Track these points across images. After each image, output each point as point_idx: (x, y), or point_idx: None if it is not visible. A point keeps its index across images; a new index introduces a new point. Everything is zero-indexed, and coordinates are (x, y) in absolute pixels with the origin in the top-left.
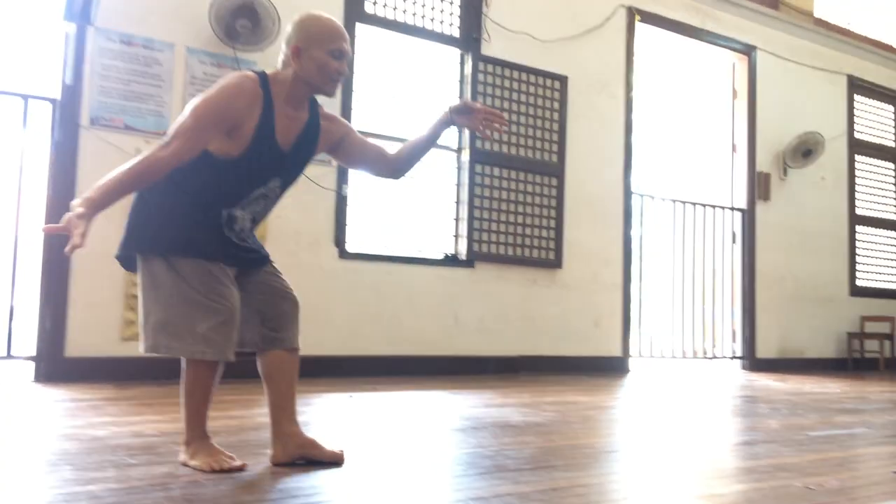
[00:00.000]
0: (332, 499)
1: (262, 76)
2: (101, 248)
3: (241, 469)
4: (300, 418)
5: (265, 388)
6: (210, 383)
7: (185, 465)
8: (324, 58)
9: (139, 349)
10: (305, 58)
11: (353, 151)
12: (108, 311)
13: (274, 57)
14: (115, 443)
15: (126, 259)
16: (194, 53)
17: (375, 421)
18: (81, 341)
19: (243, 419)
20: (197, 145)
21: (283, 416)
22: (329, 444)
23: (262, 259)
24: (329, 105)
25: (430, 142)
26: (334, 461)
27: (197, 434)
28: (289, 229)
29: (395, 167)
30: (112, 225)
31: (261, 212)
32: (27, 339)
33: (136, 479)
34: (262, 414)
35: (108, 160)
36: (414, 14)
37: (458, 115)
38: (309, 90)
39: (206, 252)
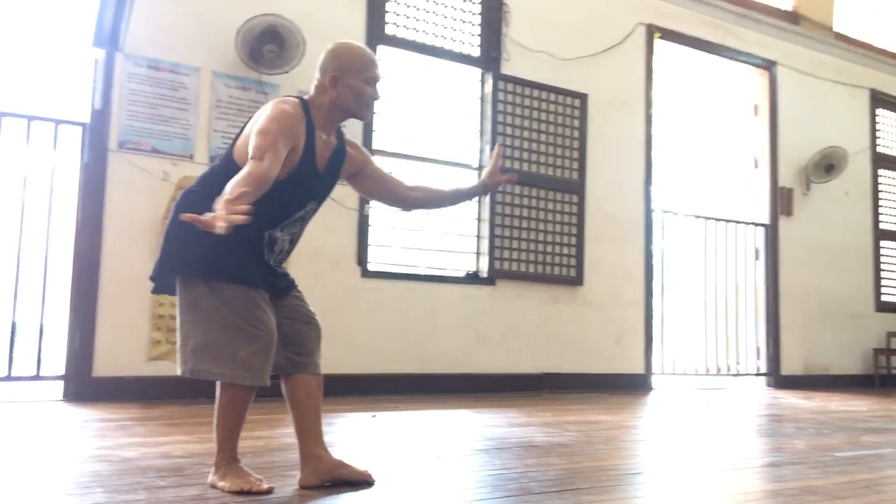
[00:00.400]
0: None
1: (304, 102)
2: (129, 269)
3: (269, 492)
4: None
5: (291, 412)
6: (245, 408)
7: (213, 486)
8: (360, 85)
9: (177, 371)
10: (342, 86)
11: (372, 181)
12: (135, 332)
13: (296, 79)
14: (145, 464)
15: (160, 280)
16: (219, 77)
17: (399, 441)
18: (109, 361)
19: (269, 440)
20: (280, 161)
21: (311, 440)
22: (356, 464)
23: (290, 285)
24: (353, 125)
25: (452, 201)
26: (363, 481)
27: (227, 457)
28: (311, 249)
29: (409, 204)
30: (138, 247)
31: (297, 233)
32: (56, 359)
33: (166, 501)
34: (286, 434)
35: (136, 182)
36: (434, 35)
37: (490, 179)
38: (344, 116)
39: (249, 278)
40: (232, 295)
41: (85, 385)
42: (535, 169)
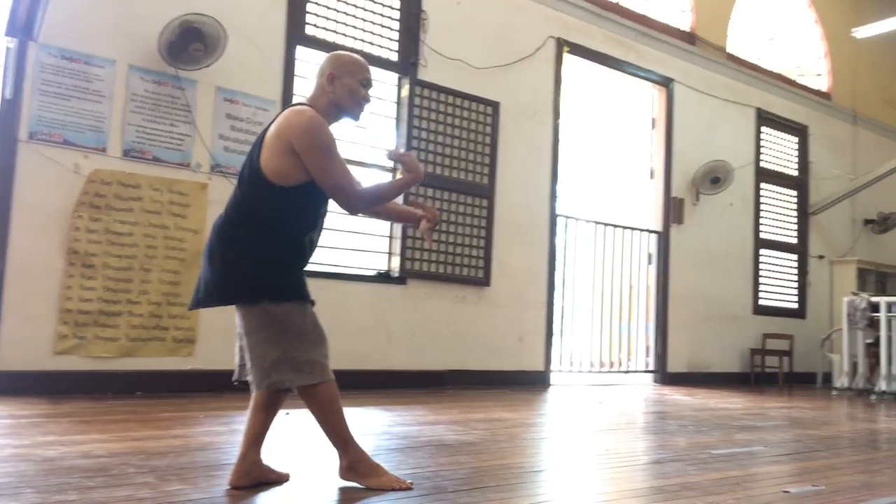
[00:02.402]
0: None
1: (311, 107)
2: (37, 261)
3: (409, 487)
4: (240, 437)
5: (252, 416)
6: (339, 399)
7: (369, 487)
8: (354, 84)
9: (254, 388)
10: (338, 84)
11: None
12: (41, 325)
13: (213, 75)
14: (69, 464)
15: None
16: (135, 70)
17: (315, 439)
18: (14, 355)
19: (188, 438)
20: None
21: (257, 446)
22: (278, 466)
23: None
24: (270, 120)
25: (391, 217)
26: (281, 481)
27: (358, 451)
28: None
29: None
30: (47, 240)
31: (322, 227)
32: None
33: (99, 502)
34: (204, 433)
35: (47, 174)
36: (354, 38)
37: (422, 218)
38: (339, 115)
39: (305, 294)
40: (297, 310)
41: None
42: (448, 173)
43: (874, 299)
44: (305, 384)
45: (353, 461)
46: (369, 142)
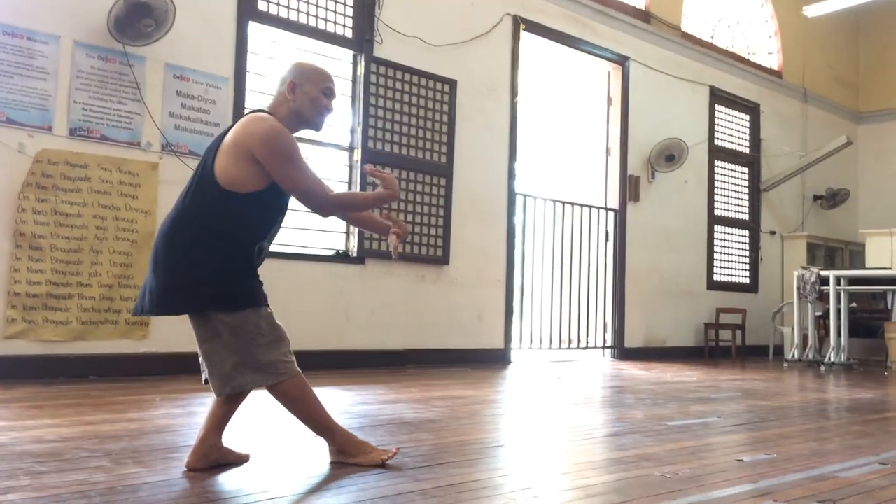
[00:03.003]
0: (253, 500)
1: (271, 115)
2: None
3: (396, 453)
4: (197, 419)
5: (217, 405)
6: (310, 388)
7: (360, 465)
8: (316, 93)
9: (217, 393)
10: (300, 92)
11: None
12: None
13: (161, 51)
14: (20, 449)
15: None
16: (81, 47)
17: (274, 419)
18: None
19: (142, 422)
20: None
21: (219, 430)
22: (237, 447)
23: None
24: (222, 99)
25: (361, 224)
26: (241, 462)
27: (341, 433)
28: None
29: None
30: None
31: (274, 236)
32: None
33: (52, 486)
34: (158, 416)
35: None
36: (308, 14)
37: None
38: (300, 124)
39: (259, 299)
40: (251, 315)
41: None
42: (406, 151)
43: (823, 273)
44: (270, 384)
45: (340, 445)
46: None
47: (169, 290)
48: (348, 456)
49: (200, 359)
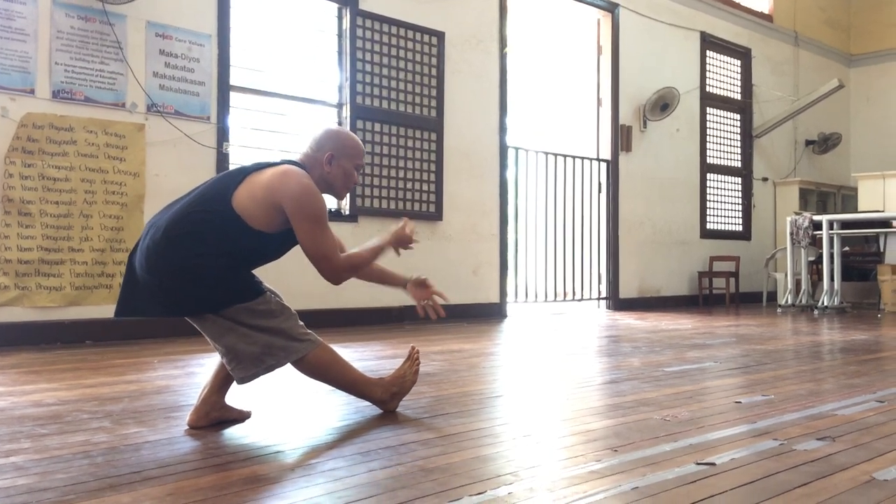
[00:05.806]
0: (249, 456)
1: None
2: None
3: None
4: (196, 379)
5: (222, 366)
6: (335, 354)
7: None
8: (350, 169)
9: (238, 384)
10: (335, 165)
11: None
12: None
13: (142, 10)
14: (20, 413)
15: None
16: (60, 7)
17: (273, 378)
18: None
19: (141, 384)
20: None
21: (222, 391)
22: (238, 404)
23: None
24: (206, 56)
25: (376, 279)
26: (243, 419)
27: (379, 387)
28: (168, 187)
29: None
30: None
31: (269, 261)
32: None
33: (54, 448)
34: (158, 377)
35: None
36: None
37: (415, 288)
38: (327, 190)
39: (259, 288)
40: (260, 300)
41: None
42: (395, 107)
43: (816, 218)
44: (301, 354)
45: (382, 397)
46: (312, 76)
47: (178, 293)
48: (394, 397)
49: (219, 355)
